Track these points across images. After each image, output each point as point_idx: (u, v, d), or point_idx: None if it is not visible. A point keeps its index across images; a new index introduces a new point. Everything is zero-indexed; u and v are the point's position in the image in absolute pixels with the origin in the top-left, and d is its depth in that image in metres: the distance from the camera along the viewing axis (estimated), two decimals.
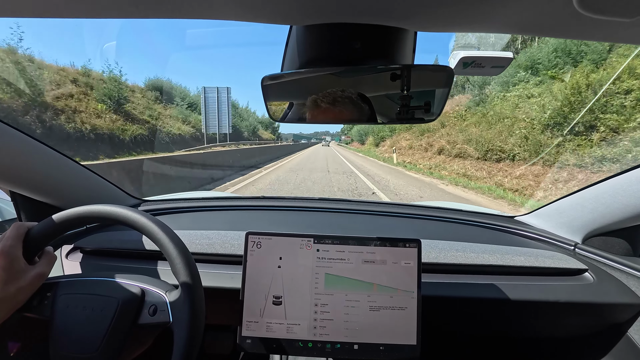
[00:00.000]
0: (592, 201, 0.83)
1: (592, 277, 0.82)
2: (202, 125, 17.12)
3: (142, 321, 0.55)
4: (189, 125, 17.87)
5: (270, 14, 0.42)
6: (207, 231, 0.89)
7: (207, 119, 17.08)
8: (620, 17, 0.34)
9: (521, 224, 1.07)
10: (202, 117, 17.20)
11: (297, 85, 0.56)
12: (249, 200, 1.27)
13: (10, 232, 0.54)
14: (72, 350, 0.52)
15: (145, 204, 1.17)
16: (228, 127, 17.46)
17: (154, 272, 0.78)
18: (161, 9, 0.41)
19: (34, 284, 0.55)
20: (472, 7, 0.38)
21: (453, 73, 0.51)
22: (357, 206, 1.21)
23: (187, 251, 0.56)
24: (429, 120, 0.56)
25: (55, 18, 0.44)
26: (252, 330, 0.64)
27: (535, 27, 0.44)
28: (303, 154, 25.48)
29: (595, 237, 0.89)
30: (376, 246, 0.66)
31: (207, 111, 17.08)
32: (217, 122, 17.08)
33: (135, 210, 0.58)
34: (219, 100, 17.18)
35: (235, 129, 25.79)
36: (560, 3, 0.34)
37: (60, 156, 0.86)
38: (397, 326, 0.64)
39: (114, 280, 0.58)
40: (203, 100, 17.21)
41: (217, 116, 17.07)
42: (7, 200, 0.86)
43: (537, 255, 0.85)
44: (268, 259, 0.66)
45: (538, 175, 8.00)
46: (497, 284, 0.78)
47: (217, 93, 17.20)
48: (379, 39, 0.47)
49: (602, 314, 0.79)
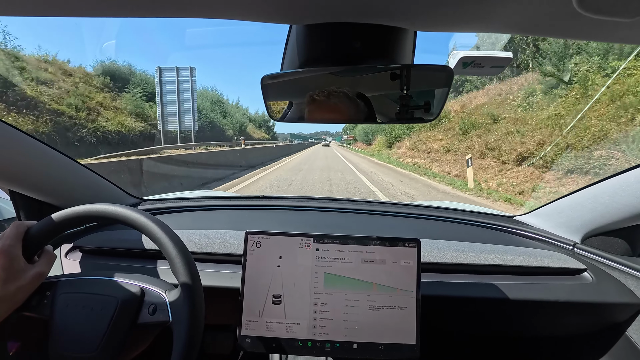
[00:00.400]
0: (591, 201, 0.83)
1: (591, 276, 0.82)
2: (158, 120, 12.95)
3: (142, 320, 0.55)
4: (141, 121, 14.28)
5: (270, 13, 0.42)
6: (206, 230, 0.89)
7: (163, 112, 12.73)
8: (620, 17, 0.34)
9: (520, 224, 1.07)
10: (157, 109, 12.88)
11: (296, 84, 0.56)
12: (249, 200, 1.27)
13: (10, 231, 0.54)
14: (72, 350, 0.52)
15: (145, 203, 1.17)
16: (192, 123, 13.02)
17: (153, 272, 0.78)
18: (161, 8, 0.41)
19: (33, 283, 0.55)
20: (472, 7, 0.38)
21: (453, 73, 0.51)
22: (357, 206, 1.21)
23: (187, 250, 0.56)
24: (428, 120, 0.56)
25: (55, 17, 0.44)
26: (251, 330, 0.64)
27: (535, 27, 0.44)
28: (292, 161, 16.75)
29: (594, 237, 0.89)
30: (376, 246, 0.66)
31: (165, 101, 12.66)
32: (178, 115, 12.73)
33: (134, 209, 0.58)
34: (179, 86, 12.54)
35: (215, 127, 22.05)
36: (560, 3, 0.34)
37: (60, 155, 0.86)
38: (397, 325, 0.64)
39: (113, 280, 0.58)
40: (158, 86, 12.48)
41: (178, 108, 12.63)
42: (7, 200, 0.86)
43: (536, 254, 0.86)
44: (267, 259, 0.66)
45: None
46: (496, 283, 0.79)
47: (177, 75, 12.43)
48: (379, 38, 0.47)
49: (600, 314, 0.79)
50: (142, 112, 15.04)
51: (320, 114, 0.55)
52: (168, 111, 12.78)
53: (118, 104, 14.39)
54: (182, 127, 12.97)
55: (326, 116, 0.55)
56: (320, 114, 0.55)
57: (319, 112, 0.55)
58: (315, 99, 0.54)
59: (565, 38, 0.47)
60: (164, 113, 12.77)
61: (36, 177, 0.81)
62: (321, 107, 0.54)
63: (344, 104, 0.54)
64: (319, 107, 0.54)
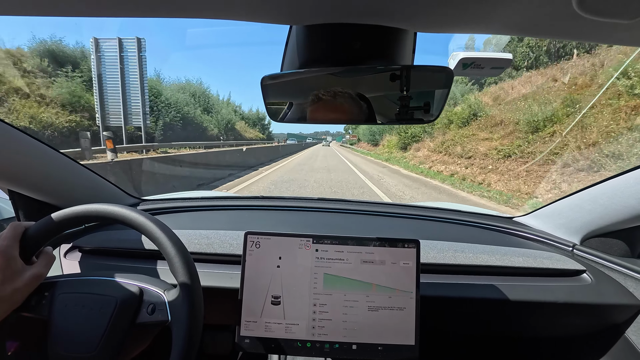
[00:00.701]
0: (591, 202, 0.83)
1: (590, 278, 0.82)
2: (97, 113, 9.49)
3: (141, 320, 0.55)
4: (75, 113, 11.08)
5: (270, 13, 0.42)
6: (205, 231, 0.89)
7: (102, 101, 9.31)
8: (619, 19, 0.34)
9: (519, 225, 1.07)
10: (95, 98, 9.44)
11: (296, 85, 0.56)
12: (248, 200, 1.27)
13: (7, 232, 0.54)
14: (71, 350, 0.52)
15: (144, 203, 1.17)
16: (142, 117, 9.42)
17: (152, 272, 0.78)
18: (161, 8, 0.41)
19: (31, 284, 0.54)
20: (472, 8, 0.38)
21: (452, 74, 0.52)
22: (356, 206, 1.21)
23: (186, 250, 0.56)
24: (428, 121, 0.56)
25: (55, 16, 0.44)
26: (250, 330, 0.64)
27: (535, 29, 0.44)
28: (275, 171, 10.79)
29: (593, 238, 0.89)
30: (375, 246, 0.66)
31: (105, 87, 9.24)
32: (123, 106, 9.24)
33: (133, 209, 0.58)
34: (123, 65, 9.02)
35: (191, 124, 17.33)
36: (560, 4, 0.34)
37: (59, 155, 0.86)
38: (396, 326, 0.64)
39: (112, 280, 0.58)
40: (95, 66, 8.95)
41: (122, 96, 9.22)
42: (6, 199, 0.86)
43: (536, 256, 0.86)
44: (267, 259, 0.66)
45: None
46: (495, 284, 0.79)
47: (120, 50, 8.92)
48: (379, 39, 0.47)
49: (599, 315, 0.79)
50: (79, 102, 11.63)
51: (324, 113, 0.55)
52: (109, 100, 9.32)
53: (49, 92, 11.24)
54: (129, 122, 9.53)
55: (330, 116, 0.55)
56: (325, 114, 0.55)
57: (323, 111, 0.55)
58: (320, 98, 0.54)
59: (564, 39, 0.48)
60: (104, 103, 9.35)
61: (35, 177, 0.81)
62: (326, 106, 0.54)
63: (349, 104, 0.54)
64: (324, 107, 0.55)
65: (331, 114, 0.55)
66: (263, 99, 0.56)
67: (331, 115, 0.55)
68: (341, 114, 0.55)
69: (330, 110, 0.55)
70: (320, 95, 0.53)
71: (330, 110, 0.55)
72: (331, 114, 0.55)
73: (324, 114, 0.55)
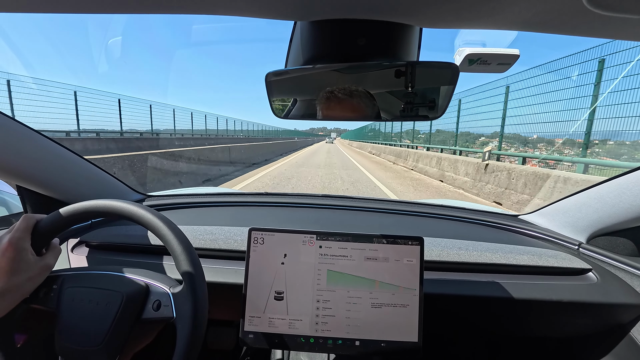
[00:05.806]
0: (597, 200, 0.82)
1: (596, 277, 0.81)
2: None
3: (146, 316, 0.55)
4: None
5: (275, 9, 0.42)
6: (210, 227, 0.89)
7: None
8: (630, 14, 0.33)
9: (525, 223, 1.07)
10: None
11: (301, 81, 0.55)
12: (253, 197, 1.28)
13: (20, 223, 0.55)
14: (77, 343, 0.53)
15: (150, 199, 1.18)
16: None
17: (159, 267, 0.78)
18: (165, 5, 0.41)
19: (41, 274, 0.56)
20: (479, 3, 0.37)
21: (458, 70, 0.51)
22: (360, 203, 1.21)
23: (191, 246, 0.57)
24: (433, 118, 0.55)
25: (58, 13, 0.44)
26: (254, 326, 0.65)
27: (543, 24, 0.43)
28: None
29: (599, 237, 0.88)
30: (379, 243, 0.66)
31: None
32: None
33: (139, 205, 0.59)
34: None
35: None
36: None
37: (66, 151, 0.87)
38: (399, 323, 0.64)
39: (119, 275, 0.59)
40: None
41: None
42: (14, 194, 0.87)
43: (541, 254, 0.85)
44: (271, 255, 0.67)
45: None
46: (499, 282, 0.78)
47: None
48: (384, 35, 0.47)
49: (605, 314, 0.78)
50: None
51: (340, 112, 0.54)
52: None
53: None
54: None
55: (347, 115, 0.55)
56: (341, 112, 0.54)
57: (339, 110, 0.54)
58: (337, 96, 0.53)
59: (574, 35, 0.47)
60: None
61: (43, 173, 0.82)
62: (342, 105, 0.54)
63: (364, 103, 0.54)
64: (339, 105, 0.54)
65: (349, 113, 0.54)
66: (267, 95, 0.56)
67: (348, 114, 0.55)
68: (356, 113, 0.55)
69: (348, 109, 0.54)
70: (336, 92, 0.53)
71: (348, 109, 0.54)
72: (349, 113, 0.54)
73: (340, 112, 0.54)
